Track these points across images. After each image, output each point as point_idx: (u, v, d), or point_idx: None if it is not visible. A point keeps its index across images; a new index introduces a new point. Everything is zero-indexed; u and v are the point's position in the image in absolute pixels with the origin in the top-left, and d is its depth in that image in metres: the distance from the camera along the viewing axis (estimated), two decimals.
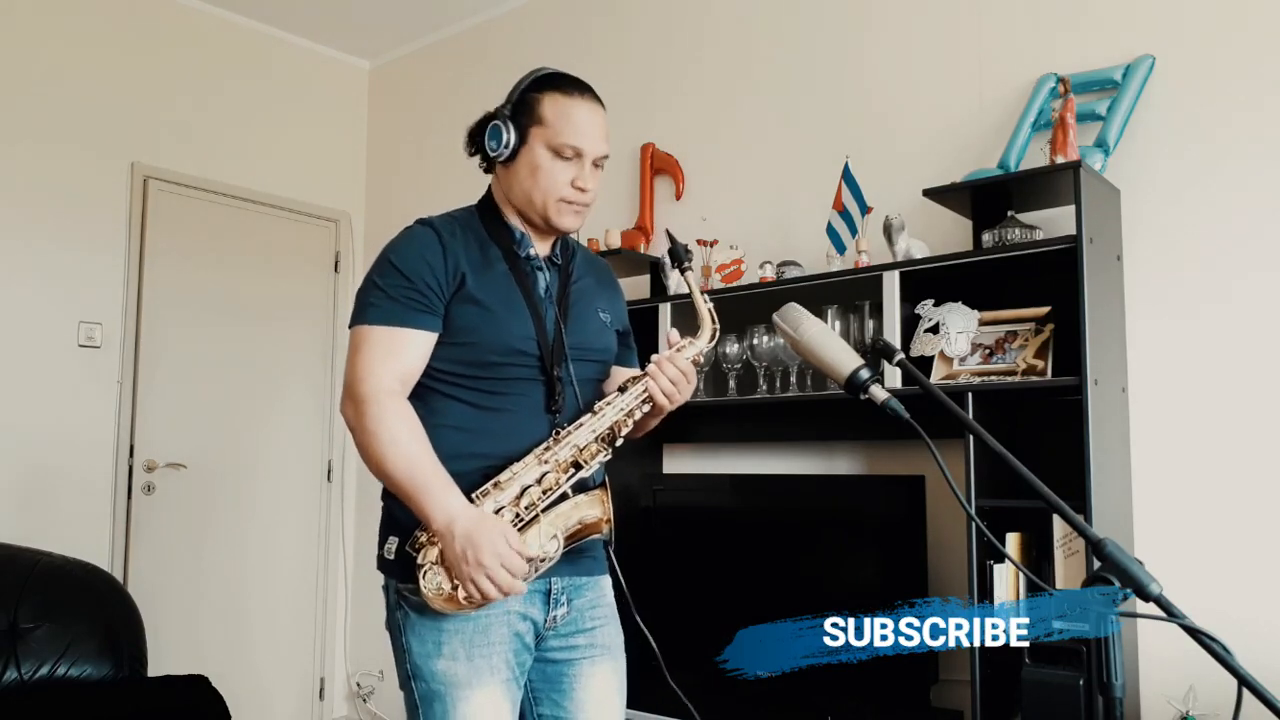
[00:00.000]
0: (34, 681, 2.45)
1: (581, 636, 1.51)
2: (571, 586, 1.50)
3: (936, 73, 2.65)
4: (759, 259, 2.73)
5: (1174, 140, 2.25)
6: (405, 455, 1.33)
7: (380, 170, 4.32)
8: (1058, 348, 2.16)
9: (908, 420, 1.14)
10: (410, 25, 4.06)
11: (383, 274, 1.42)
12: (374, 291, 1.42)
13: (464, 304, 1.42)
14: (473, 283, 1.43)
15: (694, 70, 3.22)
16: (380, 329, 1.39)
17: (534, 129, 1.46)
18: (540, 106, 1.46)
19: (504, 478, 1.37)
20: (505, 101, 1.48)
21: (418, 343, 1.40)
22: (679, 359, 1.47)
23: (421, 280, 1.40)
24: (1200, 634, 0.90)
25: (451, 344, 1.42)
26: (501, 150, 1.46)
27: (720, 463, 2.98)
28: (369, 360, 1.38)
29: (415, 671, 1.41)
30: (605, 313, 1.59)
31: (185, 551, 3.67)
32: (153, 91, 3.69)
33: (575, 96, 1.47)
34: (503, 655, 1.40)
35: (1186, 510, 2.17)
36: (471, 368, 1.42)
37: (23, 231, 3.32)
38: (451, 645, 1.38)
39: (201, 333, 3.77)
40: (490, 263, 1.46)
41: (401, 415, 1.36)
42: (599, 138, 1.47)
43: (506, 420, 1.43)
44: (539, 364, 1.44)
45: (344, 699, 4.14)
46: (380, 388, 1.36)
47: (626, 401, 1.45)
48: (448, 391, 1.43)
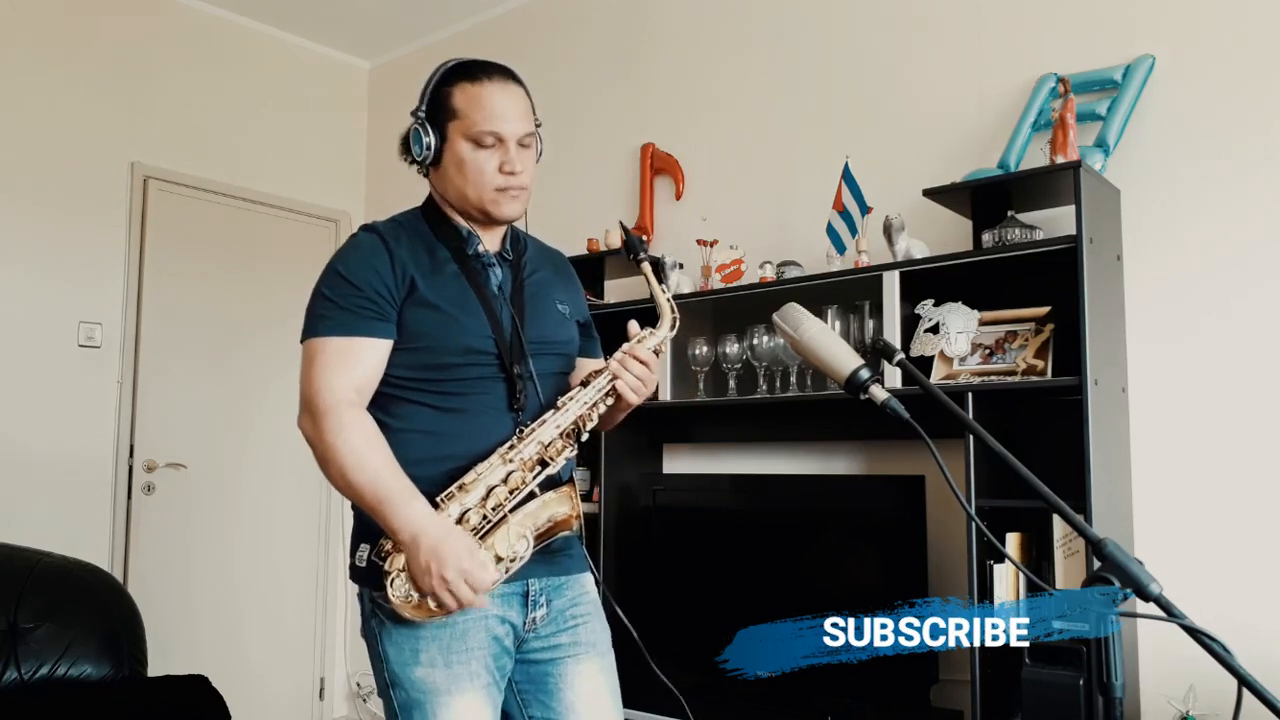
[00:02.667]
0: (34, 681, 2.44)
1: (564, 635, 1.48)
2: (550, 587, 1.48)
3: (936, 73, 2.65)
4: (759, 259, 2.73)
5: (1174, 140, 2.25)
6: (368, 467, 1.31)
7: (380, 170, 4.32)
8: (1058, 348, 2.16)
9: (908, 420, 1.14)
10: (410, 25, 4.06)
11: (331, 284, 1.40)
12: (323, 303, 1.39)
13: (416, 308, 1.39)
14: (423, 286, 1.40)
15: (694, 70, 3.22)
16: (333, 340, 1.37)
17: (450, 124, 1.42)
18: (452, 100, 1.42)
19: (469, 479, 1.35)
20: (419, 103, 1.45)
21: (373, 351, 1.38)
22: (641, 350, 1.44)
23: (370, 288, 1.38)
24: (1200, 634, 0.90)
25: (407, 349, 1.40)
26: (425, 154, 1.44)
27: (720, 463, 2.98)
28: (324, 372, 1.35)
29: (393, 679, 1.38)
30: (564, 304, 1.56)
31: (185, 551, 3.66)
32: (153, 91, 3.69)
33: (484, 81, 1.43)
34: (481, 660, 1.38)
35: (1186, 510, 2.17)
36: (429, 371, 1.40)
37: (23, 231, 3.32)
38: (429, 652, 1.36)
39: (201, 333, 3.77)
40: (439, 264, 1.44)
41: (361, 427, 1.34)
42: (516, 117, 1.42)
43: (469, 421, 1.41)
44: (498, 362, 1.42)
45: (344, 699, 4.14)
46: (337, 400, 1.33)
47: (589, 395, 1.43)
48: (408, 397, 1.41)
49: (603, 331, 1.69)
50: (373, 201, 4.31)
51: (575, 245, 2.98)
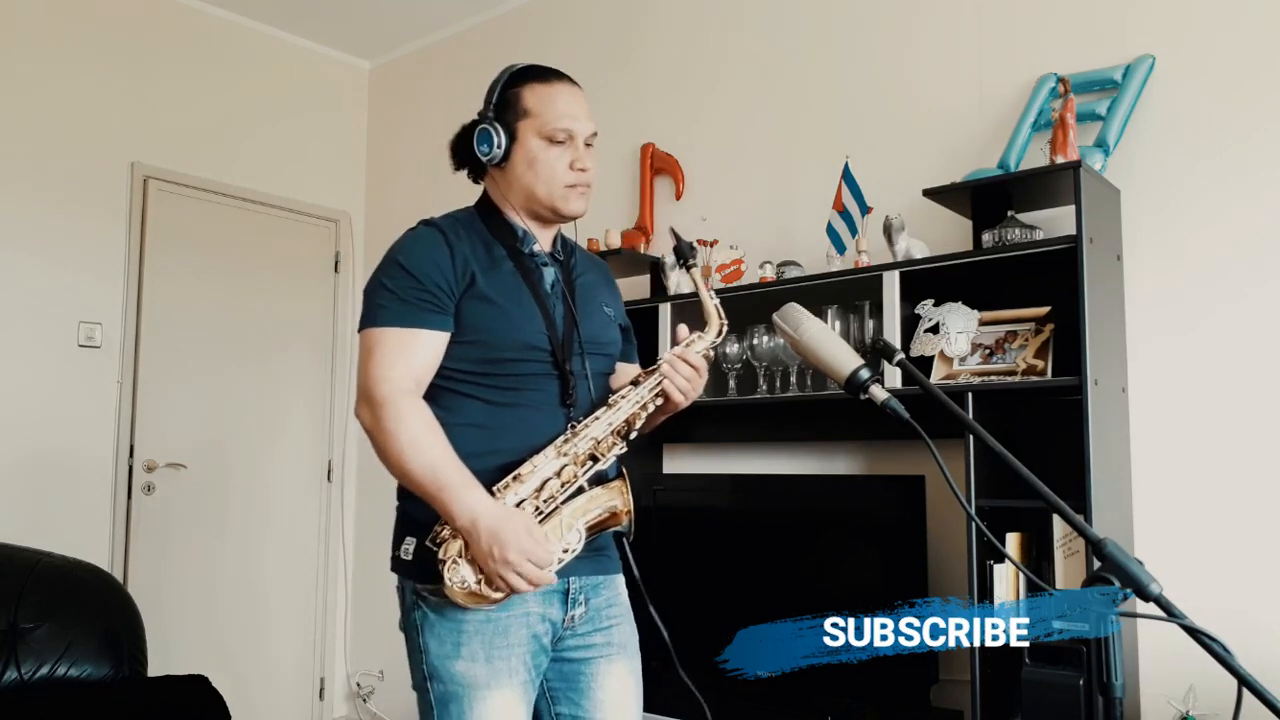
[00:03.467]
0: (34, 681, 2.45)
1: (599, 635, 1.51)
2: (589, 585, 1.50)
3: (936, 73, 2.65)
4: (759, 259, 2.73)
5: (1174, 140, 2.25)
6: (426, 455, 1.33)
7: (380, 170, 4.32)
8: (1058, 348, 2.16)
9: (908, 420, 1.14)
10: (410, 25, 4.06)
11: (391, 275, 1.42)
12: (383, 293, 1.41)
13: (474, 302, 1.42)
14: (482, 281, 1.43)
15: (694, 70, 3.22)
16: (392, 330, 1.39)
17: (521, 123, 1.46)
18: (523, 100, 1.47)
19: (524, 470, 1.37)
20: (485, 105, 1.49)
21: (430, 343, 1.40)
22: (690, 354, 1.47)
23: (431, 280, 1.40)
24: (1200, 634, 0.90)
25: (463, 343, 1.42)
26: (495, 152, 1.46)
27: (720, 463, 2.98)
28: (382, 362, 1.38)
29: (432, 672, 1.40)
30: (609, 307, 1.60)
31: (185, 551, 3.67)
32: (153, 91, 3.69)
33: (554, 83, 1.49)
34: (521, 657, 1.40)
35: (1186, 510, 2.17)
36: (485, 365, 1.43)
37: (23, 231, 3.32)
38: (471, 646, 1.38)
39: (201, 333, 3.77)
40: (496, 261, 1.47)
41: (419, 415, 1.36)
42: (586, 117, 1.49)
43: (522, 415, 1.43)
44: (551, 359, 1.45)
45: (344, 699, 4.14)
46: (396, 389, 1.36)
47: (641, 394, 1.45)
48: (463, 390, 1.43)
49: None
50: (373, 201, 4.31)
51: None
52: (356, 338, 1.46)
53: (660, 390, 1.45)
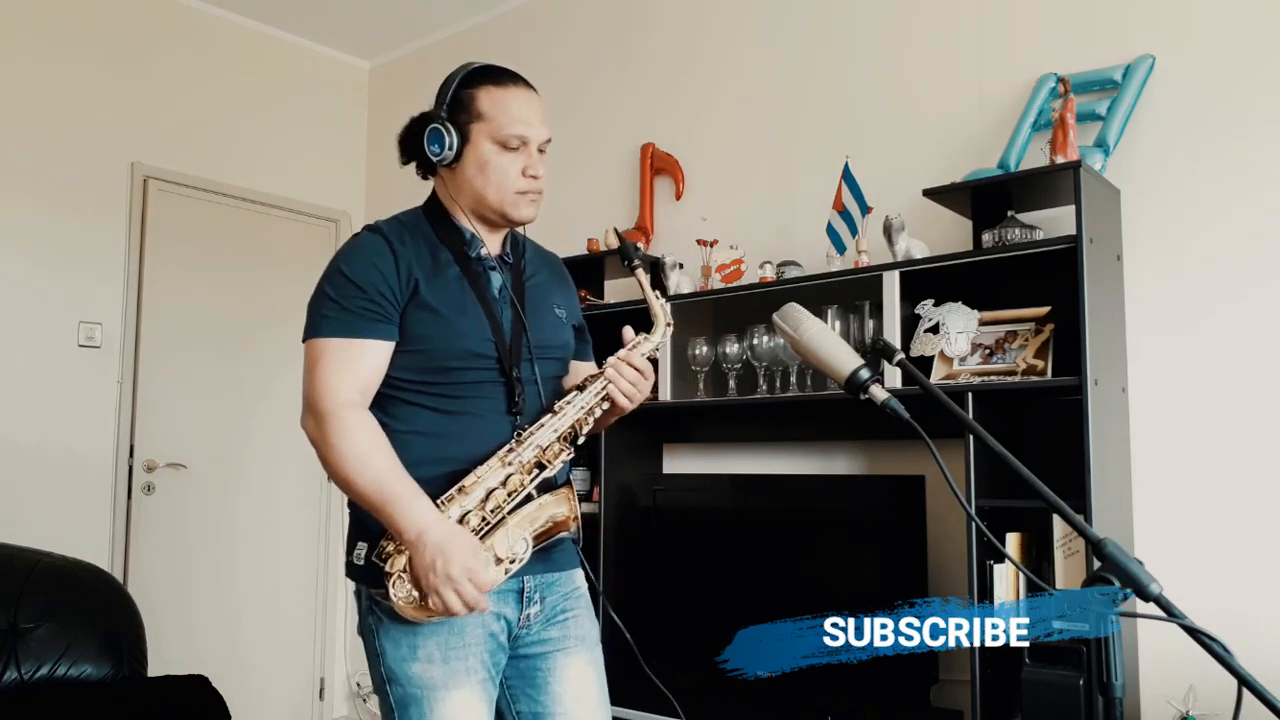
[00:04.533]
0: (34, 681, 2.44)
1: (554, 629, 1.50)
2: (544, 584, 1.49)
3: (936, 73, 2.65)
4: (759, 259, 2.73)
5: (1174, 140, 2.25)
6: (371, 469, 1.33)
7: (380, 170, 4.32)
8: (1058, 348, 2.16)
9: (908, 420, 1.14)
10: (410, 25, 4.06)
11: (334, 284, 1.41)
12: (327, 303, 1.40)
13: (418, 310, 1.41)
14: (425, 289, 1.41)
15: (694, 70, 3.22)
16: (336, 341, 1.38)
17: (474, 125, 1.44)
18: (477, 102, 1.44)
19: (468, 482, 1.37)
20: (437, 103, 1.46)
21: (375, 353, 1.39)
22: (634, 357, 1.46)
23: (374, 289, 1.39)
24: (1200, 634, 0.90)
25: (408, 351, 1.41)
26: (446, 154, 1.44)
27: (720, 463, 2.97)
28: (326, 373, 1.37)
29: (390, 675, 1.40)
30: (560, 308, 1.58)
31: (185, 551, 3.66)
32: (153, 91, 3.68)
33: (509, 86, 1.46)
34: (478, 656, 1.40)
35: (1186, 510, 2.17)
36: (430, 374, 1.41)
37: (23, 232, 3.32)
38: (427, 648, 1.38)
39: (201, 333, 3.77)
40: (442, 267, 1.45)
41: (365, 427, 1.35)
42: (540, 123, 1.46)
43: (469, 423, 1.42)
44: (498, 365, 1.44)
45: (344, 699, 4.13)
46: (340, 401, 1.35)
47: (586, 400, 1.45)
48: (409, 399, 1.42)
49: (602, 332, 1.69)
50: (373, 201, 4.31)
51: (575, 245, 2.98)
52: None
53: (605, 395, 1.45)
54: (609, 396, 1.45)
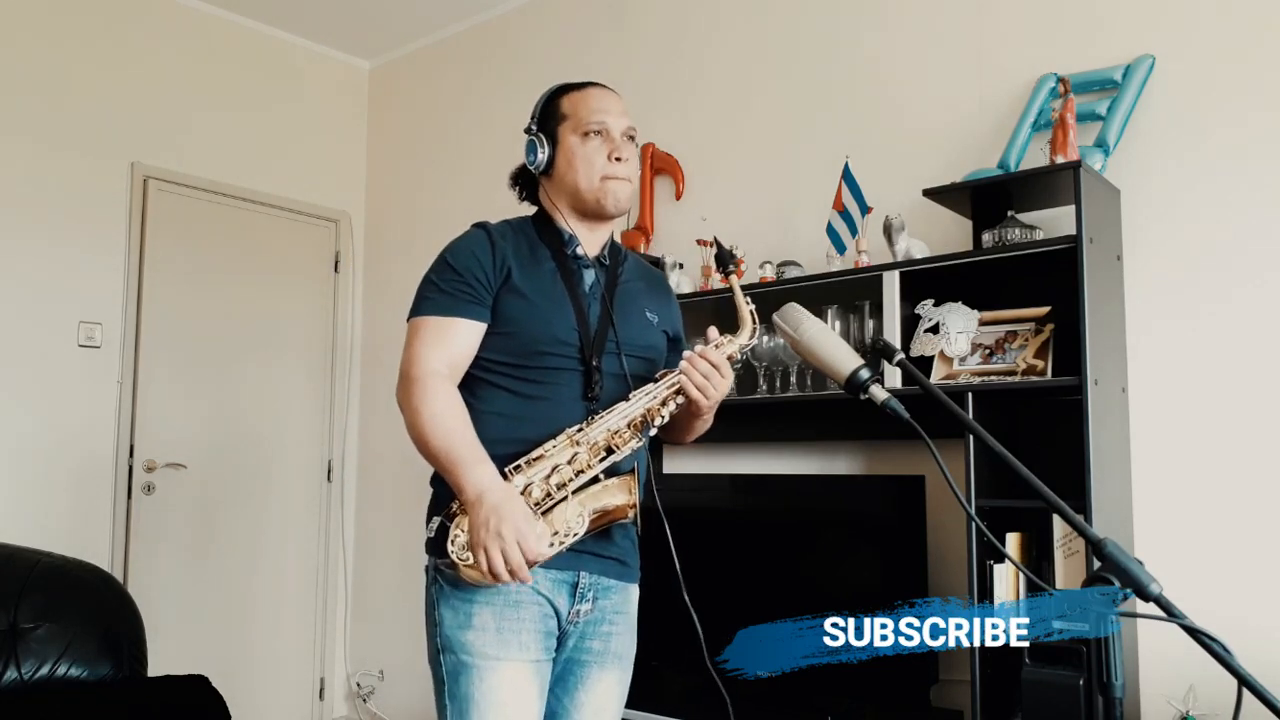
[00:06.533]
0: (34, 681, 2.44)
1: (598, 641, 1.54)
2: (599, 585, 1.52)
3: (936, 73, 2.65)
4: (759, 259, 2.73)
5: (1174, 140, 2.25)
6: (444, 429, 1.41)
7: (380, 170, 4.32)
8: (1058, 348, 2.16)
9: (908, 420, 1.14)
10: (410, 25, 4.06)
11: (437, 270, 1.52)
12: (429, 286, 1.52)
13: (509, 295, 1.50)
14: (518, 276, 1.50)
15: (694, 71, 3.22)
16: (432, 319, 1.49)
17: (560, 127, 1.56)
18: (560, 108, 1.57)
19: (535, 455, 1.43)
20: (530, 122, 1.60)
21: (465, 331, 1.49)
22: (711, 353, 1.47)
23: (470, 274, 1.49)
24: (1200, 634, 0.90)
25: (497, 334, 1.50)
26: (540, 159, 1.56)
27: (720, 463, 2.97)
28: (420, 347, 1.47)
29: (445, 643, 1.45)
30: (653, 314, 1.63)
31: (185, 551, 3.67)
32: (153, 91, 3.69)
33: (587, 88, 1.59)
34: (531, 634, 1.44)
35: (1186, 510, 2.17)
36: (515, 356, 1.49)
37: (23, 231, 3.32)
38: (482, 616, 1.43)
39: (201, 333, 3.77)
40: (538, 260, 1.54)
41: (444, 393, 1.44)
42: (619, 113, 1.57)
43: (545, 408, 1.48)
44: (579, 354, 1.50)
45: (344, 699, 4.13)
46: (428, 370, 1.45)
47: (659, 390, 1.48)
48: (492, 380, 1.50)
49: None
50: (373, 201, 4.31)
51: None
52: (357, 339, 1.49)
53: (678, 387, 1.47)
54: (683, 390, 1.46)
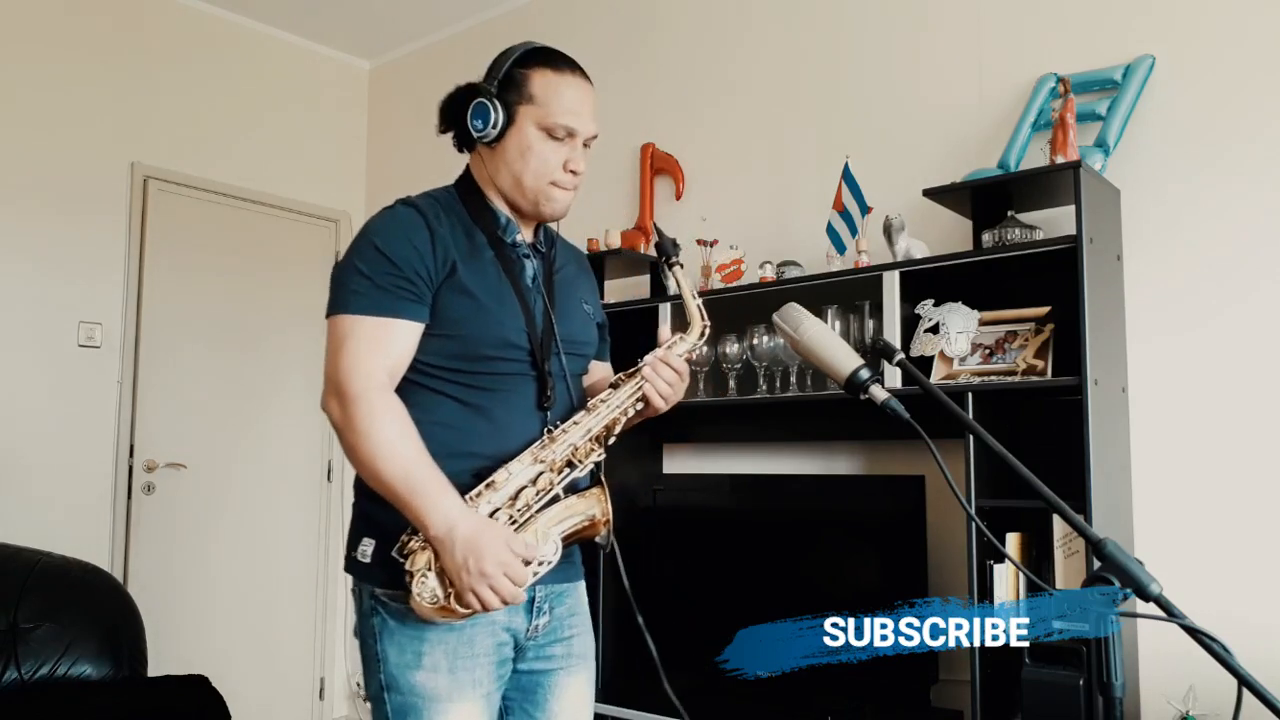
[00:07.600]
0: (34, 681, 2.45)
1: (559, 646, 1.45)
2: (554, 594, 1.44)
3: (936, 73, 2.65)
4: (759, 259, 2.73)
5: (1174, 140, 2.25)
6: (400, 458, 1.24)
7: (380, 170, 4.32)
8: (1058, 348, 2.16)
9: (908, 420, 1.13)
10: (410, 25, 4.06)
11: (367, 259, 1.32)
12: (357, 278, 1.31)
13: (454, 294, 1.33)
14: (464, 272, 1.34)
15: (695, 70, 3.22)
16: (366, 319, 1.29)
17: (523, 107, 1.37)
18: (530, 83, 1.37)
19: (499, 478, 1.29)
20: (489, 77, 1.39)
21: (405, 333, 1.31)
22: (672, 357, 1.41)
23: (409, 267, 1.31)
24: (1200, 634, 0.90)
25: (439, 336, 1.34)
26: (489, 131, 1.37)
27: (720, 463, 2.97)
28: (355, 353, 1.28)
29: (390, 682, 1.32)
30: (588, 304, 1.53)
31: (185, 551, 3.66)
32: (153, 91, 3.68)
33: (566, 74, 1.39)
34: (486, 668, 1.33)
35: (1186, 510, 2.17)
36: (460, 361, 1.34)
37: (23, 231, 3.32)
38: (433, 656, 1.30)
39: (201, 333, 3.77)
40: (477, 250, 1.38)
41: (394, 414, 1.27)
42: (591, 117, 1.40)
43: (497, 417, 1.35)
44: (530, 358, 1.37)
45: (344, 699, 4.13)
46: (370, 385, 1.27)
47: (621, 399, 1.39)
48: (434, 387, 1.35)
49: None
50: (373, 202, 4.30)
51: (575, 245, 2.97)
52: None
53: (641, 395, 1.39)
54: (644, 397, 1.39)
